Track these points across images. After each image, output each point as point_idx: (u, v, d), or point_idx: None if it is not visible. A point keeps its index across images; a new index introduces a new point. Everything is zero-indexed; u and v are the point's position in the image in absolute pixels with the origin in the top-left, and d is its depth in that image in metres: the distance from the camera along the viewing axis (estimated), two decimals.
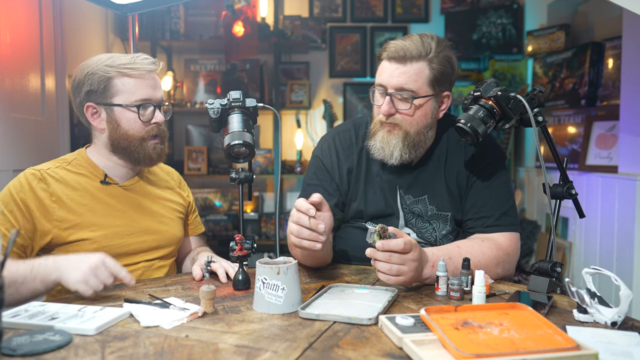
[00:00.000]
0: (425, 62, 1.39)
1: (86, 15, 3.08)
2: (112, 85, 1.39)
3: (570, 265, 2.84)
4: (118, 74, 1.38)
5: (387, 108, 1.41)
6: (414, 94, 1.39)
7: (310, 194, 1.49)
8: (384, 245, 1.16)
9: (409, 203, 1.52)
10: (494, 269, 1.38)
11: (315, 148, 1.64)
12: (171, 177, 1.66)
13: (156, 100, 1.43)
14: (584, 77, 2.89)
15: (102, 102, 1.40)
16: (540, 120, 1.33)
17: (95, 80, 1.38)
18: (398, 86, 1.39)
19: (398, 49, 1.38)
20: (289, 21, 3.77)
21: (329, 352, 0.90)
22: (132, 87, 1.39)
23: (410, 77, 1.38)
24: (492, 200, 1.47)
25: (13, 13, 2.16)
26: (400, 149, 1.43)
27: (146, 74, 1.41)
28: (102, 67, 1.39)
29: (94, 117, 1.42)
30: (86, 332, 0.97)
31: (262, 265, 1.12)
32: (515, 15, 3.69)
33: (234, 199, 3.85)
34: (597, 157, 2.76)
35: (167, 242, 1.51)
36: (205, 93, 3.79)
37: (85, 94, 1.40)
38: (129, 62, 1.39)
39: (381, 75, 1.43)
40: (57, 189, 1.37)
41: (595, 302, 1.07)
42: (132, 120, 1.41)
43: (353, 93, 3.92)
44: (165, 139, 1.49)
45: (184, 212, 1.62)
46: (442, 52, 1.40)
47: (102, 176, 1.44)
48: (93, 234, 1.37)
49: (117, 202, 1.44)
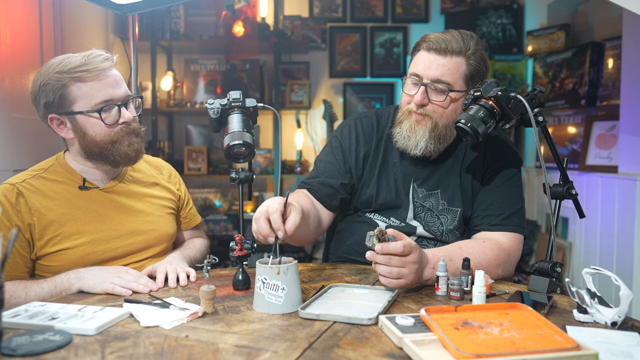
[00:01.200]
0: (463, 58, 1.40)
1: (86, 15, 3.08)
2: (67, 93, 1.31)
3: (570, 265, 2.84)
4: (71, 79, 1.30)
5: (420, 98, 1.42)
6: (450, 87, 1.40)
7: (321, 168, 1.56)
8: (383, 248, 1.16)
9: (421, 196, 1.53)
10: (495, 269, 1.38)
11: (335, 130, 1.66)
12: (160, 171, 1.60)
13: (119, 98, 1.35)
14: (584, 77, 2.88)
15: (62, 111, 1.33)
16: (541, 120, 1.33)
17: (49, 91, 1.31)
18: (435, 77, 1.40)
19: (440, 41, 1.39)
20: (289, 21, 3.77)
21: (329, 352, 0.90)
22: (89, 90, 1.31)
23: (449, 69, 1.40)
24: (502, 200, 1.48)
25: (13, 13, 2.16)
26: (426, 140, 1.44)
27: (101, 74, 1.32)
28: (54, 75, 1.30)
29: (60, 129, 1.36)
30: (86, 332, 0.97)
31: (262, 265, 1.12)
32: (515, 15, 3.69)
33: (234, 199, 3.85)
34: (597, 157, 2.76)
35: (157, 241, 1.48)
36: (205, 93, 3.79)
37: (44, 106, 1.33)
38: (80, 63, 1.31)
39: (417, 66, 1.43)
40: (35, 202, 1.32)
41: (595, 302, 1.07)
42: (96, 125, 1.33)
43: (353, 93, 3.92)
44: (141, 133, 1.42)
45: (175, 207, 1.58)
46: (480, 51, 1.42)
47: (81, 181, 1.39)
48: (76, 241, 1.34)
49: (99, 206, 1.40)
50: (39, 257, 1.35)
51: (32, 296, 1.25)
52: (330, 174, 1.56)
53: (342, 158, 1.57)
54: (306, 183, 1.58)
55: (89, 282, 1.24)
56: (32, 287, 1.26)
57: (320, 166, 1.59)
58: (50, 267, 1.35)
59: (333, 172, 1.56)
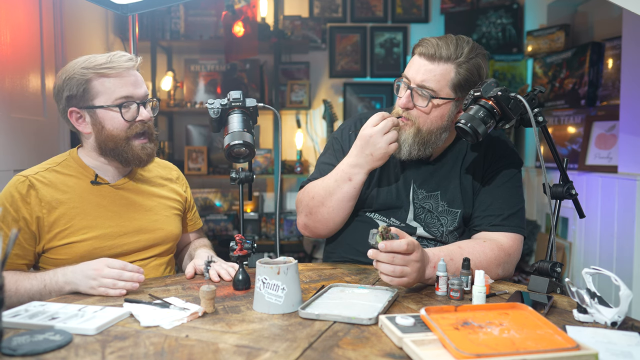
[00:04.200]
0: (452, 65, 1.39)
1: (86, 15, 3.08)
2: (91, 87, 1.37)
3: (570, 265, 2.85)
4: (95, 75, 1.36)
5: (405, 101, 1.42)
6: (434, 94, 1.40)
7: (324, 170, 1.57)
8: (387, 246, 1.16)
9: (421, 198, 1.53)
10: (495, 269, 1.38)
11: (335, 131, 1.66)
12: (169, 172, 1.63)
13: (138, 97, 1.40)
14: (584, 77, 2.89)
15: (83, 105, 1.38)
16: (541, 121, 1.33)
17: (73, 85, 1.37)
18: (420, 82, 1.40)
19: (430, 47, 1.39)
20: (289, 21, 3.77)
21: (329, 352, 0.90)
22: (111, 86, 1.37)
23: (435, 76, 1.39)
24: (502, 200, 1.48)
25: (13, 13, 2.16)
26: (409, 145, 1.44)
27: (124, 72, 1.38)
28: (79, 70, 1.36)
29: (78, 122, 1.41)
30: (86, 332, 0.97)
31: (262, 265, 1.12)
32: (515, 15, 3.69)
33: (234, 199, 3.85)
34: (597, 157, 2.76)
35: (163, 240, 1.50)
36: (205, 93, 3.79)
37: (66, 99, 1.39)
38: (105, 61, 1.37)
39: (409, 69, 1.44)
40: (46, 194, 1.35)
41: (595, 302, 1.07)
42: (115, 120, 1.38)
43: (353, 93, 3.92)
44: (154, 137, 1.46)
45: (181, 209, 1.61)
46: (474, 60, 1.40)
47: (93, 176, 1.43)
48: (84, 235, 1.36)
49: (109, 202, 1.43)
50: (46, 249, 1.37)
51: (21, 292, 1.27)
52: None
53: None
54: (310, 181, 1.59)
55: (79, 287, 1.24)
56: (22, 283, 1.28)
57: (323, 168, 1.59)
58: (57, 260, 1.36)
59: None
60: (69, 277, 1.25)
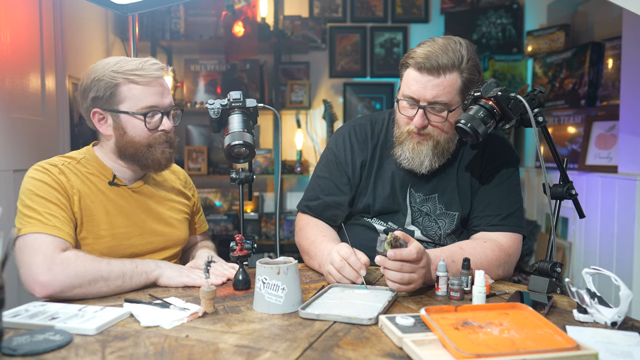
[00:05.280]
0: (457, 73, 1.36)
1: (86, 15, 3.08)
2: (118, 92, 1.36)
3: (570, 265, 2.85)
4: (125, 80, 1.35)
5: (420, 121, 1.39)
6: (448, 106, 1.38)
7: (319, 185, 1.56)
8: (397, 255, 1.15)
9: (419, 201, 1.53)
10: (496, 270, 1.38)
11: (329, 140, 1.64)
12: (177, 176, 1.64)
13: (163, 107, 1.40)
14: (584, 77, 2.89)
15: (108, 108, 1.37)
16: (541, 121, 1.33)
17: (101, 87, 1.36)
18: (432, 100, 1.36)
19: (430, 57, 1.33)
20: (289, 21, 3.77)
21: (329, 352, 0.90)
22: (139, 94, 1.36)
23: (445, 89, 1.36)
24: (500, 200, 1.47)
25: (13, 13, 2.16)
26: (430, 159, 1.44)
27: (153, 81, 1.38)
28: (109, 72, 1.35)
29: (100, 123, 1.40)
30: (86, 332, 0.97)
31: (262, 265, 1.12)
32: (515, 15, 3.69)
33: (234, 199, 3.85)
34: (597, 157, 2.76)
35: (174, 243, 1.51)
36: (205, 93, 3.79)
37: (92, 100, 1.38)
38: (136, 67, 1.36)
39: (411, 87, 1.38)
40: (76, 182, 1.35)
41: (595, 302, 1.07)
42: (138, 127, 1.38)
43: (353, 93, 3.92)
44: (175, 143, 1.46)
45: (189, 213, 1.62)
46: (472, 60, 1.38)
47: (111, 177, 1.42)
48: (103, 232, 1.36)
49: (126, 203, 1.43)
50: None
51: (114, 267, 1.24)
52: (329, 191, 1.56)
53: (338, 172, 1.56)
54: (308, 207, 1.58)
55: (168, 272, 1.31)
56: (113, 260, 1.27)
57: (319, 183, 1.58)
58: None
59: (332, 188, 1.55)
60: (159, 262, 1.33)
